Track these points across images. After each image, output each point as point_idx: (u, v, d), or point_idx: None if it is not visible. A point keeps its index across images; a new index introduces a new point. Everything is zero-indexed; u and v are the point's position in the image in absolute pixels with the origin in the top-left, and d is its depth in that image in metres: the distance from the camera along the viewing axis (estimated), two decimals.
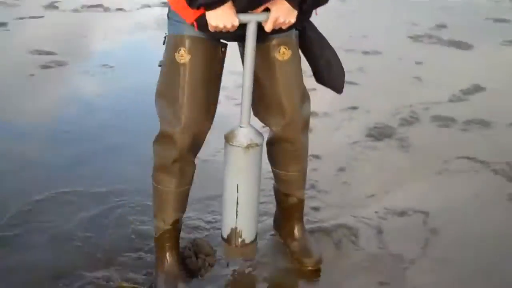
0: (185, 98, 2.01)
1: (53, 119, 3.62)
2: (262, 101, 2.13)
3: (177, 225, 2.22)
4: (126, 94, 3.99)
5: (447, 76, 4.47)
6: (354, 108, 3.84)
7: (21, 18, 5.64)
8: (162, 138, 2.10)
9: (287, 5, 1.89)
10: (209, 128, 2.12)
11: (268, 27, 1.90)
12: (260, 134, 2.04)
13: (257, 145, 2.00)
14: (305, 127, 2.23)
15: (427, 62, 4.78)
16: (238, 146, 1.98)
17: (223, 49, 2.05)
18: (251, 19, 1.91)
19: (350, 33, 5.47)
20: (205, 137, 2.13)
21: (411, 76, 4.47)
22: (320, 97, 3.86)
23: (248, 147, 1.98)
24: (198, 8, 1.86)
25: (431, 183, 2.99)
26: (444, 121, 3.69)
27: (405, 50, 5.08)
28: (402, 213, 2.70)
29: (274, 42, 2.04)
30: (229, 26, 1.86)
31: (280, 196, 2.39)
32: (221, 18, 1.85)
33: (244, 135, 1.99)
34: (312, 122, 2.37)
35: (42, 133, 3.40)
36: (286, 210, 2.40)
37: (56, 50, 4.74)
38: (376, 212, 2.69)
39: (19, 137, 3.34)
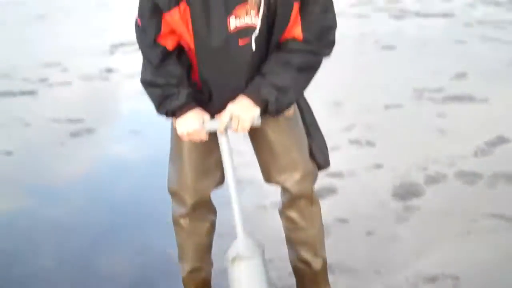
0: (186, 164, 2.16)
1: (85, 184, 3.75)
2: (273, 161, 2.19)
3: (197, 273, 2.32)
4: (154, 158, 4.09)
5: (471, 128, 4.48)
6: (379, 166, 3.86)
7: (51, 85, 5.82)
8: (171, 195, 2.26)
9: (246, 100, 1.97)
10: (213, 188, 2.24)
11: (219, 128, 1.98)
12: (256, 245, 1.98)
13: (247, 258, 1.93)
14: (315, 179, 2.30)
15: (449, 113, 4.80)
16: (227, 259, 1.99)
17: None
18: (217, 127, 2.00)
19: (369, 85, 5.53)
20: (209, 195, 2.26)
21: (434, 129, 4.49)
22: (345, 155, 3.95)
23: (234, 260, 1.95)
24: (166, 115, 2.02)
25: (460, 245, 2.99)
26: (470, 177, 3.69)
27: (426, 101, 5.10)
28: (433, 279, 2.70)
29: None
30: (196, 137, 2.01)
31: (302, 265, 2.39)
32: (188, 122, 1.98)
33: (234, 247, 1.99)
34: (337, 182, 2.42)
35: (74, 198, 3.53)
36: (312, 279, 2.41)
37: (84, 117, 4.87)
38: (406, 279, 2.69)
39: (52, 201, 3.47)
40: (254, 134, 2.19)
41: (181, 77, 1.99)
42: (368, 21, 8.64)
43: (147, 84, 2.04)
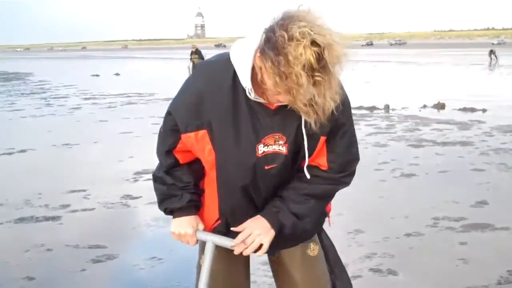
0: None
1: None
2: None
3: None
4: (175, 283, 4.07)
5: (493, 256, 4.43)
6: None
7: (74, 211, 5.93)
8: None
9: (264, 222, 2.05)
10: None
11: (237, 250, 2.05)
12: None
13: None
14: None
15: (470, 242, 4.76)
16: None
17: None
18: (209, 239, 2.08)
19: (390, 213, 5.55)
20: None
21: (456, 257, 4.43)
22: (366, 284, 3.89)
23: None
24: (165, 213, 2.14)
25: None
26: None
27: (447, 229, 5.08)
28: None
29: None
30: (184, 240, 2.11)
31: None
32: (181, 225, 2.10)
33: None
34: None
35: None
36: None
37: (106, 243, 4.91)
38: None
39: None
40: (278, 270, 2.27)
41: (189, 183, 2.11)
42: (387, 150, 8.82)
43: (157, 179, 2.16)
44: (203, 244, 2.19)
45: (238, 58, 1.93)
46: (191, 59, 22.65)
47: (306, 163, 2.02)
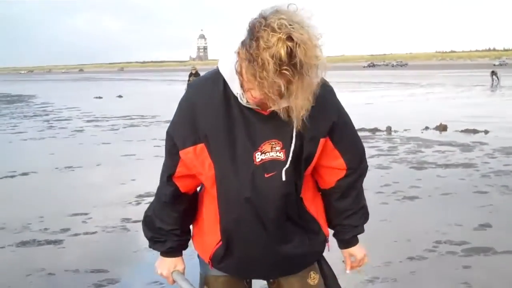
0: None
1: None
2: None
3: None
4: None
5: (498, 279, 4.42)
6: None
7: (75, 235, 5.92)
8: None
9: (359, 245, 2.26)
10: None
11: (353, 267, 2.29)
12: None
13: None
14: None
15: (474, 266, 4.74)
16: None
17: (247, 281, 2.23)
18: (180, 284, 2.22)
19: (392, 237, 5.53)
20: None
21: (460, 282, 4.41)
22: None
23: None
24: (154, 248, 2.26)
25: None
26: None
27: (450, 253, 5.05)
28: None
29: (307, 268, 2.20)
30: (163, 278, 2.25)
31: None
32: (161, 265, 2.27)
33: None
34: None
35: None
36: None
37: (108, 267, 4.90)
38: None
39: None
40: None
41: (175, 229, 2.18)
42: (389, 172, 8.82)
43: (146, 219, 2.24)
44: (202, 277, 2.25)
45: (226, 66, 1.94)
46: (189, 81, 22.41)
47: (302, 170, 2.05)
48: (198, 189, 2.21)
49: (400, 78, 57.29)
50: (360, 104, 22.87)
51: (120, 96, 35.24)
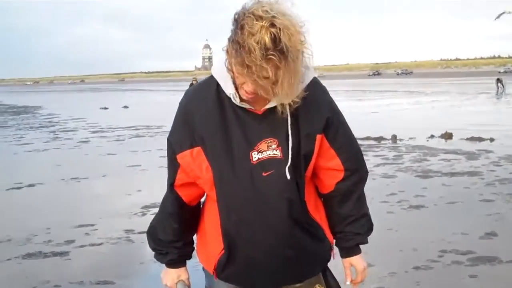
0: None
1: None
2: None
3: None
4: None
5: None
6: None
7: (81, 246, 5.93)
8: None
9: (360, 256, 2.23)
10: None
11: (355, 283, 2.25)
12: None
13: None
14: None
15: (480, 275, 4.72)
16: None
17: None
18: None
19: (398, 246, 5.52)
20: None
21: None
22: None
23: None
24: (157, 260, 2.26)
25: None
26: None
27: (456, 262, 5.04)
28: None
29: (312, 279, 2.19)
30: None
31: None
32: (165, 276, 2.27)
33: None
34: None
35: None
36: None
37: (114, 279, 4.91)
38: None
39: None
40: None
41: (176, 240, 2.20)
42: (394, 181, 8.80)
43: (149, 230, 2.26)
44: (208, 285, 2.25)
45: (217, 68, 2.00)
46: None
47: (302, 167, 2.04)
48: (202, 200, 2.22)
49: (405, 87, 57.28)
50: (366, 112, 22.87)
51: (125, 107, 35.36)
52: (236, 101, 1.94)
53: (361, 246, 2.23)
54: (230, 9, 1.85)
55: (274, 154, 1.98)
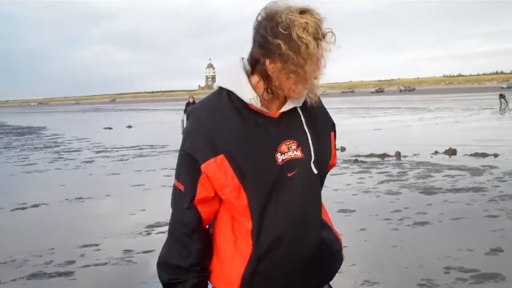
0: None
1: None
2: None
3: None
4: None
5: None
6: None
7: (86, 266, 5.93)
8: None
9: None
10: None
11: None
12: None
13: None
14: None
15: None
16: None
17: None
18: None
19: (402, 263, 5.49)
20: None
21: None
22: None
23: None
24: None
25: None
26: None
27: (461, 280, 5.01)
28: None
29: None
30: None
31: None
32: None
33: None
34: None
35: None
36: None
37: None
38: None
39: None
40: None
41: (196, 264, 2.05)
42: (399, 198, 8.78)
43: (161, 262, 2.10)
44: None
45: (229, 79, 2.02)
46: (185, 110, 21.35)
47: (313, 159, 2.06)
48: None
49: (408, 103, 57.32)
50: (369, 130, 22.87)
51: (129, 126, 35.46)
52: (258, 104, 1.96)
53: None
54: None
55: (295, 154, 2.01)
